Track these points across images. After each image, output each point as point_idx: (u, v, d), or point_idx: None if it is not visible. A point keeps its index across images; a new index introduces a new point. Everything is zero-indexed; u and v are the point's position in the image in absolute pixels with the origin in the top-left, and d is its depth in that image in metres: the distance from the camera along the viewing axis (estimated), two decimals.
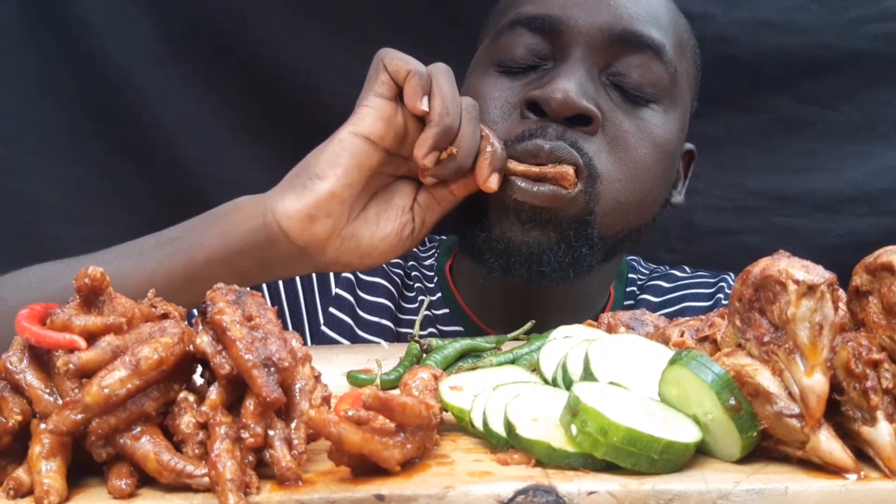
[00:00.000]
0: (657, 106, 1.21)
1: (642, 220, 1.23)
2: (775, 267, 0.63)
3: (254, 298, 0.66)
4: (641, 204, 1.20)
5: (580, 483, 0.59)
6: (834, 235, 1.61)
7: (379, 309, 1.35)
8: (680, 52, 1.24)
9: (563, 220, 1.12)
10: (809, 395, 0.60)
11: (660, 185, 1.23)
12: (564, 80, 1.14)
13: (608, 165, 1.16)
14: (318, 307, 1.34)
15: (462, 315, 1.36)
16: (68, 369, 0.59)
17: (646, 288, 1.43)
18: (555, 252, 1.13)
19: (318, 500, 0.58)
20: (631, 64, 1.19)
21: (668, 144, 1.22)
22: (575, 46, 1.18)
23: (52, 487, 0.57)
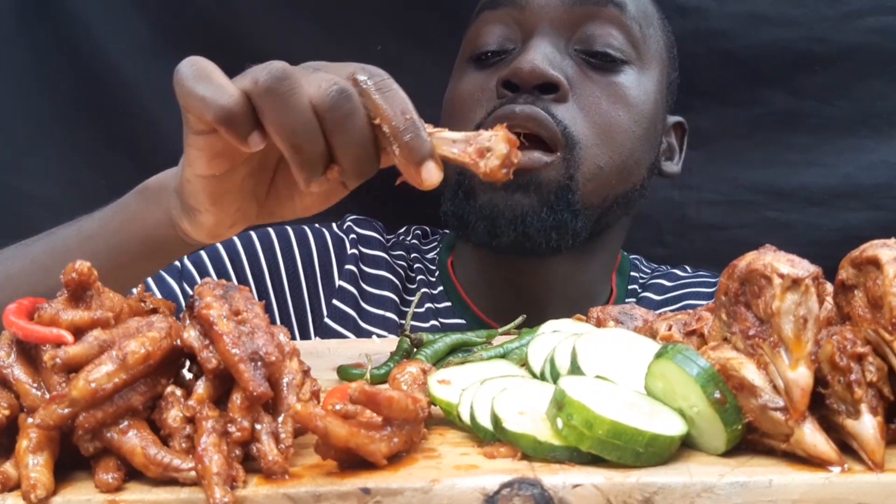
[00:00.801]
0: (628, 68, 1.24)
1: (626, 184, 1.25)
2: (761, 261, 0.63)
3: (241, 293, 0.67)
4: (622, 168, 1.23)
5: (565, 476, 0.59)
6: (827, 230, 1.61)
7: (383, 301, 1.36)
8: (644, 17, 1.27)
9: (544, 184, 1.17)
10: (794, 389, 0.60)
11: (640, 148, 1.25)
12: (531, 52, 1.19)
13: (584, 131, 1.20)
14: (321, 299, 1.35)
15: (464, 308, 1.36)
16: (55, 363, 0.59)
17: (648, 286, 1.44)
18: (537, 214, 1.18)
19: (305, 493, 0.58)
20: (595, 29, 1.22)
21: (643, 105, 1.25)
22: (538, 22, 1.23)
23: (40, 481, 0.58)
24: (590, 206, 1.21)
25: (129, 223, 0.94)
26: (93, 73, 1.58)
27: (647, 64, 1.27)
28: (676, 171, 1.41)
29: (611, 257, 1.39)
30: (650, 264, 1.52)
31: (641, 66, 1.26)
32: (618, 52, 1.23)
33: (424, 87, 1.56)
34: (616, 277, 1.42)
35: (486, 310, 1.35)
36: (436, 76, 1.44)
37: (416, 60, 1.61)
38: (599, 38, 1.23)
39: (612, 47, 1.23)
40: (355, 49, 1.61)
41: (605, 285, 1.40)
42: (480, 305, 1.36)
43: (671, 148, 1.40)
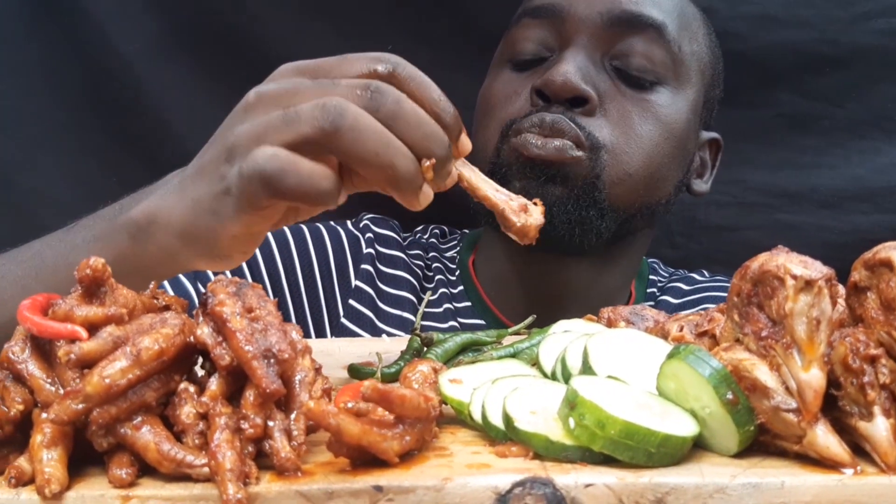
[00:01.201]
0: (662, 88, 1.25)
1: (654, 197, 1.26)
2: (773, 262, 0.63)
3: (254, 290, 0.67)
4: (651, 179, 1.24)
5: (577, 476, 0.59)
6: (837, 232, 1.61)
7: (400, 301, 1.36)
8: (685, 34, 1.27)
9: (571, 178, 1.19)
10: (806, 390, 0.60)
11: (669, 164, 1.26)
12: (565, 64, 1.20)
13: (611, 137, 1.22)
14: (337, 299, 1.35)
15: (484, 308, 1.37)
16: (69, 359, 0.59)
17: (666, 289, 1.44)
18: (564, 205, 1.20)
19: (317, 490, 0.58)
20: (632, 46, 1.23)
21: (675, 124, 1.25)
22: (576, 33, 1.24)
23: (54, 476, 0.58)
24: (616, 209, 1.22)
25: (121, 261, 0.82)
26: (105, 72, 1.59)
27: (684, 84, 1.27)
28: (705, 189, 1.41)
29: (632, 265, 1.39)
30: (667, 268, 1.53)
31: (677, 86, 1.26)
32: (653, 73, 1.24)
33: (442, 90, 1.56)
34: (635, 281, 1.42)
35: (506, 311, 1.35)
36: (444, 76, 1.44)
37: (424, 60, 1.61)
38: (636, 56, 1.23)
39: (647, 67, 1.23)
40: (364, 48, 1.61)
41: (625, 290, 1.40)
42: (500, 306, 1.36)
43: (703, 164, 1.40)
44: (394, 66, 0.76)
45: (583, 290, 1.31)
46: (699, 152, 1.38)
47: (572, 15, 1.24)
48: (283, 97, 0.75)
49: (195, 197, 0.78)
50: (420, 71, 0.77)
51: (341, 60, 0.78)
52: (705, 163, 1.41)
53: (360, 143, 0.71)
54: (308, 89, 0.75)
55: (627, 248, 1.33)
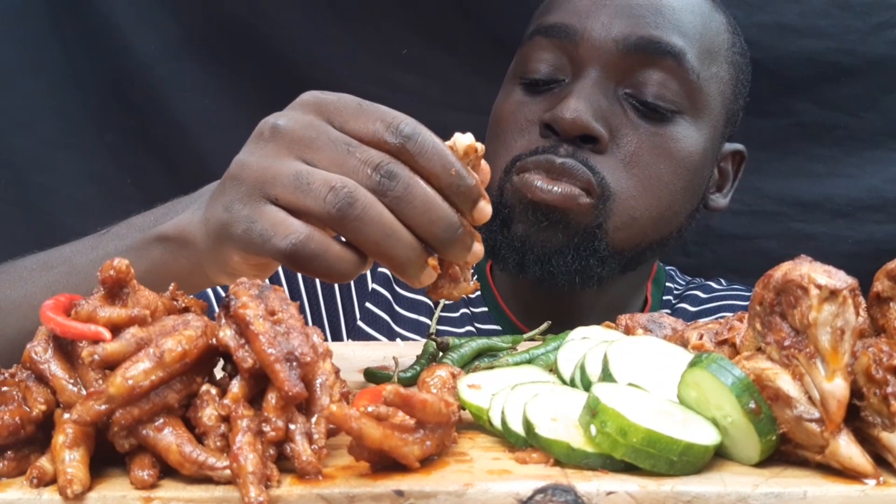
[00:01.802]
0: (679, 118, 1.20)
1: (662, 233, 1.24)
2: (797, 271, 0.63)
3: (276, 293, 0.67)
4: (659, 219, 1.21)
5: (599, 483, 0.59)
6: (851, 242, 1.61)
7: (416, 305, 1.36)
8: (708, 57, 1.22)
9: (573, 225, 1.16)
10: (830, 400, 0.60)
11: (681, 199, 1.23)
12: (575, 100, 1.16)
13: (622, 182, 1.17)
14: (354, 302, 1.35)
15: (501, 314, 1.36)
16: (93, 360, 0.60)
17: (684, 297, 1.44)
18: (563, 255, 1.17)
19: (338, 494, 0.58)
20: (649, 76, 1.18)
21: (689, 158, 1.21)
22: (590, 60, 1.19)
23: (76, 477, 0.58)
24: (619, 253, 1.20)
25: (153, 272, 0.86)
26: (122, 73, 1.60)
27: (701, 112, 1.22)
28: (723, 204, 1.37)
29: (646, 270, 1.38)
30: (684, 276, 1.52)
31: (694, 116, 1.21)
32: (669, 104, 1.19)
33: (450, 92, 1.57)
34: (651, 287, 1.42)
35: (522, 317, 1.35)
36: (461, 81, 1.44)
37: (442, 65, 1.62)
38: (651, 88, 1.18)
39: (663, 98, 1.18)
40: (381, 52, 1.62)
41: (639, 295, 1.40)
42: (516, 312, 1.36)
43: (724, 176, 1.36)
44: (405, 138, 0.73)
45: (597, 295, 1.31)
46: (721, 163, 1.35)
47: (586, 40, 1.18)
48: (297, 144, 0.75)
49: (214, 218, 0.78)
50: (435, 139, 0.75)
51: (359, 111, 0.76)
52: (727, 174, 1.37)
53: (363, 233, 0.72)
54: (323, 149, 0.74)
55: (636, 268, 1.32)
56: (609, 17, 1.19)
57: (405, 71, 1.60)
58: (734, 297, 1.42)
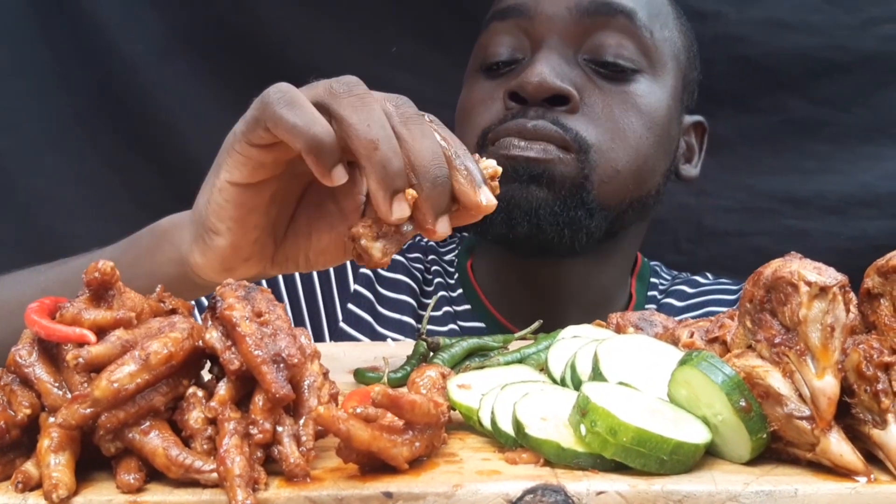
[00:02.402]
0: (639, 77, 1.23)
1: (642, 189, 1.25)
2: (787, 268, 0.62)
3: (263, 294, 0.66)
4: (639, 172, 1.22)
5: (589, 483, 0.59)
6: (844, 238, 1.60)
7: (400, 306, 1.35)
8: (656, 21, 1.25)
9: (558, 179, 1.17)
10: (820, 398, 0.60)
11: (655, 154, 1.24)
12: (539, 65, 1.18)
13: (597, 135, 1.20)
14: (336, 304, 1.34)
15: (484, 311, 1.36)
16: (78, 363, 0.59)
17: (670, 292, 1.43)
18: (551, 207, 1.18)
19: (327, 496, 0.58)
20: (604, 38, 1.21)
21: (657, 112, 1.24)
22: (547, 32, 1.22)
23: (61, 481, 0.57)
24: (606, 207, 1.21)
25: (138, 260, 0.90)
26: (111, 74, 1.59)
27: (660, 70, 1.25)
28: (695, 174, 1.39)
29: (627, 261, 1.38)
30: (671, 271, 1.52)
31: (653, 74, 1.25)
32: (628, 62, 1.22)
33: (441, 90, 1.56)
34: (636, 283, 1.41)
35: (505, 313, 1.34)
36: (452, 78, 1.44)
37: (432, 63, 1.61)
38: (609, 48, 1.21)
39: (621, 57, 1.22)
40: (372, 50, 1.61)
41: (623, 290, 1.39)
42: (500, 308, 1.35)
43: (690, 149, 1.39)
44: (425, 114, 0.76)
45: (579, 290, 1.30)
46: (684, 137, 1.37)
47: (540, 14, 1.22)
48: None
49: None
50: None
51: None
52: (692, 147, 1.39)
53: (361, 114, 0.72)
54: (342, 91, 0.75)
55: (620, 243, 1.32)
56: None
57: (395, 69, 1.60)
58: (720, 291, 1.42)
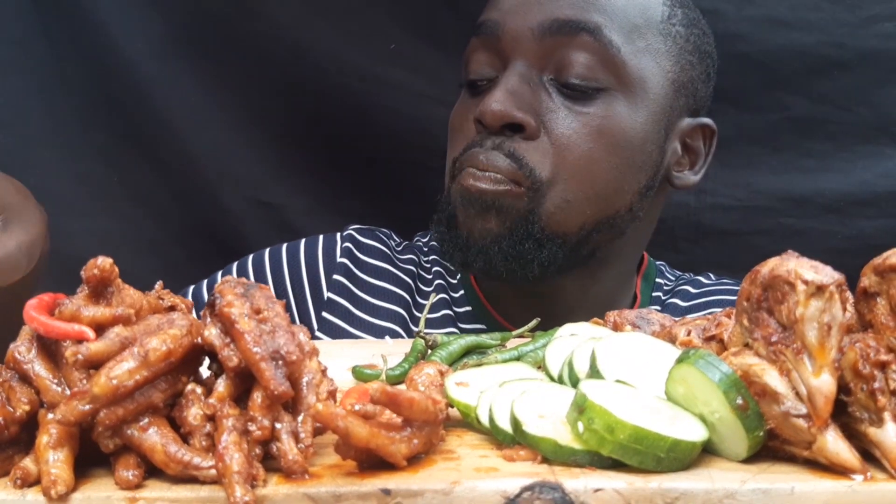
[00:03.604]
0: (605, 95, 1.19)
1: (606, 212, 1.21)
2: (784, 267, 0.63)
3: (262, 292, 0.67)
4: (597, 199, 1.20)
5: (586, 480, 0.59)
6: (842, 237, 1.60)
7: (387, 313, 1.34)
8: (634, 31, 1.20)
9: (505, 211, 1.17)
10: (817, 396, 0.60)
11: (619, 176, 1.21)
12: (498, 91, 1.17)
13: (552, 168, 1.18)
14: (311, 313, 1.34)
15: (485, 313, 1.35)
16: (77, 360, 0.59)
17: (675, 292, 1.43)
18: (500, 243, 1.17)
19: (325, 493, 0.58)
20: (568, 57, 1.18)
21: (622, 133, 1.20)
22: (512, 52, 1.20)
23: (60, 477, 0.58)
24: (559, 236, 1.19)
25: None
26: (108, 71, 1.59)
27: (632, 87, 1.20)
28: (694, 180, 1.33)
29: (629, 263, 1.36)
30: (674, 271, 1.51)
31: (623, 91, 1.20)
32: (592, 82, 1.18)
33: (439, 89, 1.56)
34: (641, 283, 1.41)
35: (506, 316, 1.34)
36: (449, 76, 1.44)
37: (429, 60, 1.61)
38: (572, 68, 1.17)
39: (585, 77, 1.18)
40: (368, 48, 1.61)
41: (627, 290, 1.38)
42: (501, 311, 1.35)
43: (694, 152, 1.33)
44: None
45: (580, 297, 1.30)
46: (687, 140, 1.31)
47: (507, 32, 1.20)
48: None
49: None
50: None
51: None
52: (697, 151, 1.33)
53: None
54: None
55: (614, 251, 1.29)
56: (527, 6, 1.20)
57: (392, 66, 1.60)
58: (725, 291, 1.42)
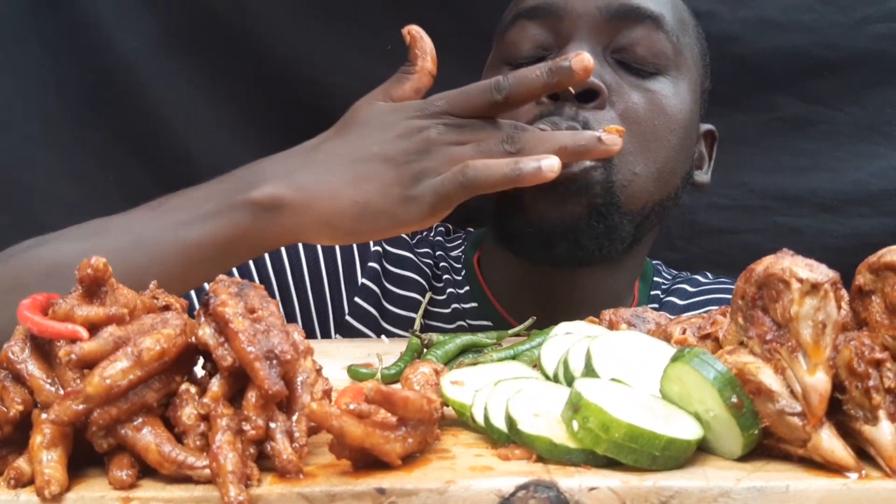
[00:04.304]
0: (664, 77, 1.23)
1: (663, 192, 1.24)
2: (779, 265, 0.63)
3: (256, 291, 0.66)
4: (659, 175, 1.21)
5: (581, 479, 0.59)
6: (836, 236, 1.61)
7: (406, 302, 1.35)
8: (680, 25, 1.27)
9: (591, 189, 1.15)
10: (811, 394, 0.60)
11: (675, 156, 1.24)
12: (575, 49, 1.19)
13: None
14: (343, 296, 1.34)
15: (491, 309, 1.36)
16: (70, 359, 0.59)
17: (672, 291, 1.44)
18: (587, 221, 1.16)
19: (319, 493, 0.58)
20: (632, 37, 1.22)
21: (679, 114, 1.24)
22: (576, 30, 1.22)
23: (53, 477, 0.57)
24: (632, 212, 1.20)
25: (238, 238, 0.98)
26: (104, 71, 1.58)
27: (683, 73, 1.26)
28: (706, 180, 1.39)
29: (638, 266, 1.38)
30: (670, 270, 1.52)
31: (678, 75, 1.25)
32: (655, 61, 1.22)
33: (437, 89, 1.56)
34: (639, 282, 1.41)
35: (512, 311, 1.34)
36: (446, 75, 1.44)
37: None
38: (637, 46, 1.22)
39: (649, 56, 1.22)
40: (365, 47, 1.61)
41: (630, 292, 1.39)
42: (506, 306, 1.35)
43: (701, 156, 1.39)
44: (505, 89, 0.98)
45: (591, 295, 1.30)
46: (696, 145, 1.36)
47: (570, 12, 1.22)
48: (455, 136, 0.97)
49: (361, 200, 0.96)
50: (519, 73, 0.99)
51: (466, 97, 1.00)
52: (702, 155, 1.40)
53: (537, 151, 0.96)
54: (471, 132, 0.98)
55: (635, 249, 1.32)
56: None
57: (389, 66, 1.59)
58: (721, 290, 1.43)
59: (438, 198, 0.94)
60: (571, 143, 0.97)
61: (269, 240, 0.99)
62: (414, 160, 0.96)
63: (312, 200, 0.96)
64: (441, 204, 0.95)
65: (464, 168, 0.93)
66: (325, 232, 0.98)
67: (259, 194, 0.97)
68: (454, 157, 0.95)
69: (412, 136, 0.97)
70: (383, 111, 1.02)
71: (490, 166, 0.93)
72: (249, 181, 0.99)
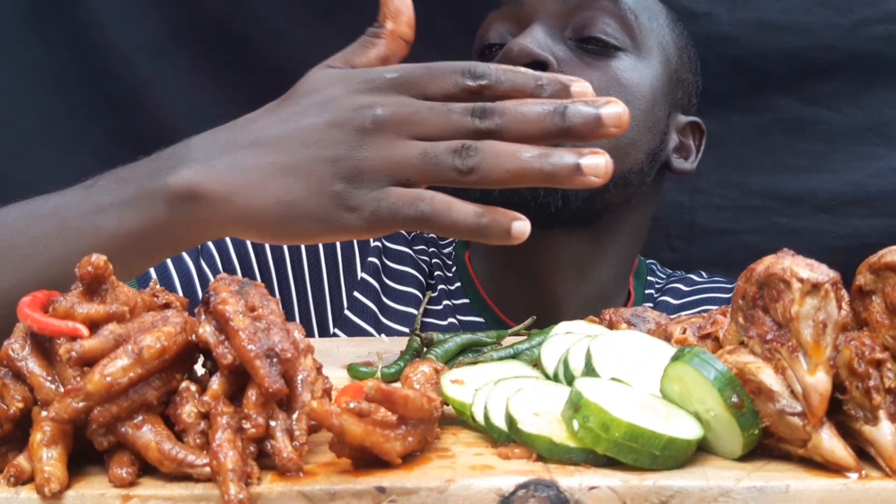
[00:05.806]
0: (623, 55, 1.26)
1: (623, 165, 1.25)
2: (780, 265, 0.63)
3: (257, 289, 0.66)
4: (614, 146, 1.19)
5: (581, 478, 0.59)
6: (835, 236, 1.61)
7: (405, 297, 1.35)
8: (644, 10, 1.29)
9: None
10: (812, 394, 0.60)
11: (634, 129, 1.25)
12: (521, 37, 1.23)
13: None
14: (342, 290, 1.34)
15: (482, 305, 1.36)
16: (70, 357, 0.59)
17: (666, 290, 1.44)
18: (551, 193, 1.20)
19: (319, 491, 0.58)
20: (589, 17, 1.25)
21: (638, 88, 1.26)
22: (533, 14, 1.27)
23: (53, 475, 0.57)
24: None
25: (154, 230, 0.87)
26: (104, 69, 1.58)
27: (645, 53, 1.28)
28: (689, 168, 1.39)
29: (624, 257, 1.38)
30: (665, 269, 1.52)
31: (638, 55, 1.27)
32: (611, 38, 1.25)
33: None
34: (633, 281, 1.42)
35: (504, 306, 1.34)
36: None
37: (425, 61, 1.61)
38: (593, 24, 1.25)
39: (605, 33, 1.25)
40: None
41: (622, 288, 1.39)
42: (498, 302, 1.35)
43: (686, 148, 1.39)
44: (481, 76, 0.81)
45: (578, 289, 1.30)
46: (680, 136, 1.37)
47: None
48: (402, 126, 0.80)
49: (287, 199, 0.81)
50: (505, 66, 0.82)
51: (430, 75, 0.82)
52: (689, 147, 1.40)
53: (496, 171, 0.77)
54: (425, 121, 0.79)
55: (613, 230, 1.32)
56: None
57: None
58: (716, 289, 1.43)
59: (382, 218, 0.79)
60: (538, 168, 0.77)
61: (192, 234, 0.87)
62: (350, 152, 0.80)
63: (231, 193, 0.82)
64: (383, 225, 0.80)
65: (426, 200, 0.78)
66: (249, 231, 0.85)
67: (175, 181, 0.84)
68: (393, 159, 0.79)
69: (350, 119, 0.81)
70: (328, 81, 0.85)
71: (453, 210, 0.78)
72: (172, 164, 0.87)
